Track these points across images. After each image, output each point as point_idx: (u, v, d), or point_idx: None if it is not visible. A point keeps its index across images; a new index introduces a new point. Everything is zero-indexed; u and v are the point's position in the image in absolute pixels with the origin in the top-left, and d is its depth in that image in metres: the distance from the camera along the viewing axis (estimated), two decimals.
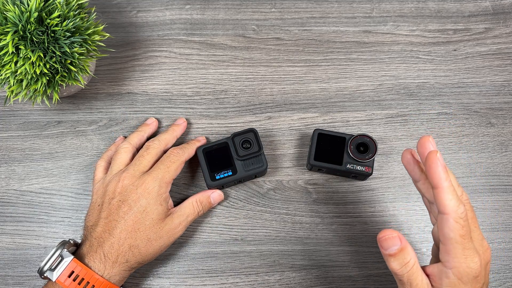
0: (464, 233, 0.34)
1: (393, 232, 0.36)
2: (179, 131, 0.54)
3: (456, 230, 0.34)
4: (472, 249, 0.35)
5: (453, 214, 0.34)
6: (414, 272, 0.36)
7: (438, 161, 0.35)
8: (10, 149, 0.55)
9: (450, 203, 0.34)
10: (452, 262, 0.35)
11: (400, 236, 0.36)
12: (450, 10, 0.61)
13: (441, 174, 0.35)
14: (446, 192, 0.34)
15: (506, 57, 0.59)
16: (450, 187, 0.35)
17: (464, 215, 0.34)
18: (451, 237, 0.34)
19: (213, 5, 0.61)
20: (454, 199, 0.34)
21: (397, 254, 0.36)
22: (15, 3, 0.44)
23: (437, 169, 0.35)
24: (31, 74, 0.44)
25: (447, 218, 0.34)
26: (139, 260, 0.45)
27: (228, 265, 0.51)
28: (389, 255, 0.36)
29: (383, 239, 0.36)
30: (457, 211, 0.34)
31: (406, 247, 0.36)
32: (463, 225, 0.34)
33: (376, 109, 0.57)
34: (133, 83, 0.58)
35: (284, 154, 0.55)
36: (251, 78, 0.58)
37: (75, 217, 0.53)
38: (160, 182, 0.47)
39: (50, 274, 0.42)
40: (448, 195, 0.34)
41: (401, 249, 0.36)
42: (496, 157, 0.55)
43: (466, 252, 0.35)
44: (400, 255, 0.36)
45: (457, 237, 0.34)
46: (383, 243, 0.36)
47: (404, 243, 0.36)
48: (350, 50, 0.59)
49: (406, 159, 0.40)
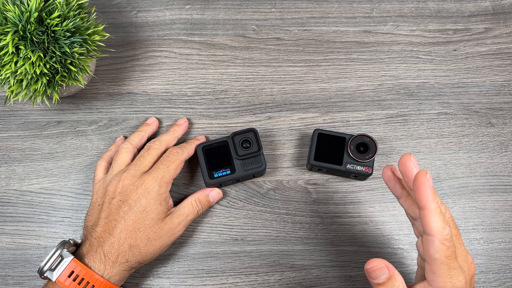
0: (449, 254, 0.35)
1: (380, 262, 0.36)
2: (180, 131, 0.54)
3: (441, 252, 0.35)
4: (457, 268, 0.35)
5: (439, 236, 0.34)
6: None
7: (427, 182, 0.35)
8: (10, 149, 0.55)
9: (436, 225, 0.34)
10: (437, 282, 0.35)
11: (388, 265, 0.36)
12: (450, 10, 0.61)
13: (429, 196, 0.35)
14: (433, 214, 0.35)
15: (506, 57, 0.59)
16: (437, 208, 0.35)
17: (449, 237, 0.35)
18: (437, 258, 0.35)
19: (213, 5, 0.61)
20: (440, 221, 0.35)
21: (385, 282, 0.36)
22: (15, 3, 0.44)
23: (425, 191, 0.35)
24: (31, 74, 0.44)
25: (432, 239, 0.35)
26: (139, 260, 0.45)
27: (228, 265, 0.51)
28: (377, 284, 0.37)
29: (372, 270, 0.37)
30: (442, 233, 0.34)
31: (393, 274, 0.36)
32: (448, 246, 0.35)
33: (376, 109, 0.57)
34: (133, 83, 0.58)
35: (284, 154, 0.55)
36: (251, 78, 0.58)
37: (75, 217, 0.53)
38: (160, 181, 0.47)
39: (50, 274, 0.42)
40: (434, 217, 0.35)
41: (389, 277, 0.36)
42: (496, 157, 0.55)
43: (451, 272, 0.35)
44: (388, 283, 0.36)
45: (442, 258, 0.35)
46: (372, 274, 0.37)
47: (391, 271, 0.36)
48: (350, 50, 0.59)
49: (387, 176, 0.41)
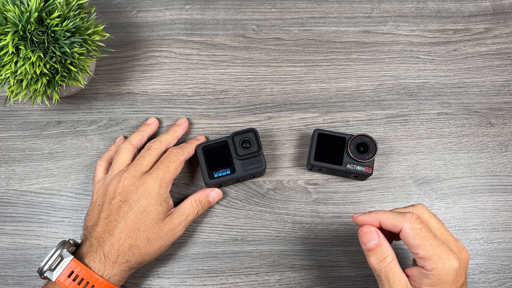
0: (425, 234, 0.37)
1: (371, 226, 0.39)
2: (180, 131, 0.54)
3: (416, 235, 0.37)
4: (443, 248, 0.37)
5: (405, 224, 0.37)
6: (392, 269, 0.38)
7: (358, 216, 0.41)
8: (10, 149, 0.55)
9: (395, 220, 0.38)
10: (430, 265, 0.37)
11: (378, 232, 0.39)
12: (450, 10, 0.61)
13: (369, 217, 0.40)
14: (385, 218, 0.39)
15: (506, 57, 0.59)
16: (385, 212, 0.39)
17: (414, 219, 0.38)
18: (417, 243, 0.37)
19: (213, 5, 0.61)
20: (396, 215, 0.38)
21: (375, 249, 0.38)
22: (15, 3, 0.44)
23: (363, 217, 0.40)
24: (31, 74, 0.44)
25: (403, 231, 0.38)
26: (139, 260, 0.45)
27: (228, 265, 0.51)
28: (367, 250, 0.39)
29: (362, 233, 0.39)
30: (406, 220, 0.38)
31: (383, 243, 0.38)
32: (420, 228, 0.37)
33: (376, 109, 0.57)
34: (133, 83, 0.58)
35: (284, 154, 0.55)
36: (251, 78, 0.58)
37: (75, 217, 0.53)
38: (160, 182, 0.47)
39: (50, 274, 0.42)
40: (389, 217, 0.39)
41: (379, 244, 0.38)
42: (496, 157, 0.55)
43: (438, 251, 0.37)
44: (377, 250, 0.38)
45: (421, 241, 0.37)
46: (362, 237, 0.39)
47: (381, 239, 0.39)
48: (350, 50, 0.59)
49: None
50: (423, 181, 0.54)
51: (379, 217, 0.39)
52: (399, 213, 0.39)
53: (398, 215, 0.38)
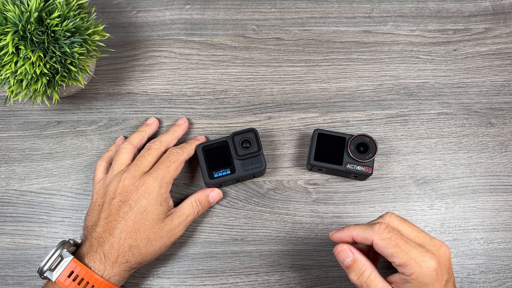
0: (396, 242, 0.38)
1: (343, 245, 0.40)
2: (180, 131, 0.54)
3: (388, 245, 0.38)
4: (416, 251, 0.38)
5: (375, 235, 0.39)
6: (372, 281, 0.39)
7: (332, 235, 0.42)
8: (10, 149, 0.55)
9: (365, 233, 0.39)
10: (408, 271, 0.37)
11: (351, 248, 0.40)
12: (450, 10, 0.61)
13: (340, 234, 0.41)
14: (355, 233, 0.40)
15: (506, 57, 0.59)
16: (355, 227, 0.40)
17: (383, 229, 0.39)
18: (390, 252, 0.38)
19: (213, 5, 0.61)
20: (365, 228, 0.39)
21: (352, 265, 0.39)
22: (15, 3, 0.44)
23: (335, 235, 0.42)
24: (31, 74, 0.44)
25: (374, 243, 0.38)
26: (139, 260, 0.45)
27: (228, 265, 0.51)
28: (346, 268, 0.40)
29: (337, 252, 0.40)
30: (375, 231, 0.38)
31: (358, 258, 0.39)
32: (389, 237, 0.38)
33: (376, 109, 0.57)
34: (133, 83, 0.58)
35: (284, 154, 0.55)
36: (251, 78, 0.58)
37: (75, 217, 0.53)
38: (160, 182, 0.47)
39: (50, 274, 0.42)
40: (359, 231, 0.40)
41: (354, 260, 0.39)
42: (496, 157, 0.55)
43: (412, 256, 0.37)
44: (354, 266, 0.39)
45: (394, 249, 0.37)
46: (338, 256, 0.40)
47: (356, 254, 0.40)
48: (350, 50, 0.59)
49: None
50: (423, 181, 0.54)
51: (350, 233, 0.40)
52: (368, 226, 0.39)
53: (367, 228, 0.39)
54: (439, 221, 0.52)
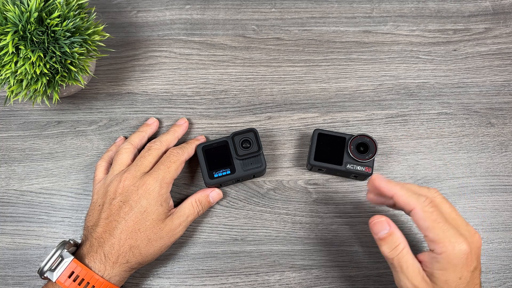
0: (436, 218, 0.37)
1: (381, 216, 0.40)
2: (181, 131, 0.54)
3: (427, 218, 0.37)
4: (453, 231, 0.37)
5: (418, 206, 0.38)
6: (404, 256, 0.38)
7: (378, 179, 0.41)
8: (10, 149, 0.55)
9: (408, 199, 0.38)
10: (439, 249, 0.37)
11: (389, 221, 0.39)
12: (450, 10, 0.61)
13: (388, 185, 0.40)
14: (400, 194, 0.39)
15: (506, 57, 0.59)
16: (401, 188, 0.39)
17: (427, 203, 0.38)
18: (427, 226, 0.37)
19: (213, 5, 0.61)
20: (411, 195, 0.39)
21: (386, 238, 0.39)
22: (15, 3, 0.44)
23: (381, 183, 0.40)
24: (31, 74, 0.44)
25: (415, 212, 0.38)
26: (139, 261, 0.45)
27: (228, 265, 0.51)
28: (379, 239, 0.39)
29: (373, 224, 0.40)
30: (419, 202, 0.38)
31: (394, 232, 0.39)
32: (431, 211, 0.38)
33: (376, 109, 0.57)
34: (133, 83, 0.58)
35: (284, 154, 0.55)
36: (251, 78, 0.58)
37: (75, 217, 0.53)
38: (161, 182, 0.47)
39: (50, 274, 0.42)
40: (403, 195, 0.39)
41: (390, 233, 0.39)
42: (496, 157, 0.55)
43: (447, 234, 0.37)
44: (389, 239, 0.39)
45: (432, 224, 0.37)
46: (373, 227, 0.40)
47: (392, 228, 0.39)
48: (350, 50, 0.59)
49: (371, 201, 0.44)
50: (423, 181, 0.54)
51: (394, 191, 0.40)
52: (413, 193, 0.39)
53: (412, 195, 0.39)
54: None
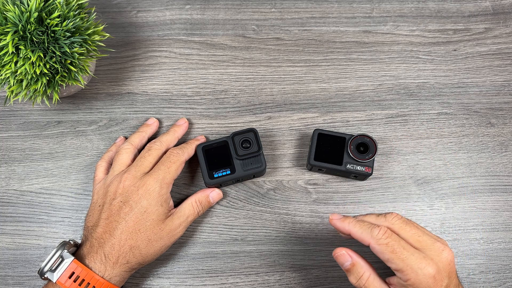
0: (392, 248, 0.38)
1: (342, 249, 0.41)
2: (181, 132, 0.54)
3: (384, 250, 0.38)
4: (414, 258, 0.37)
5: (372, 240, 0.39)
6: (371, 283, 0.39)
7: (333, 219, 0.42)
8: (10, 149, 0.55)
9: (362, 236, 0.40)
10: (404, 277, 0.38)
11: (349, 252, 0.40)
12: (450, 10, 0.61)
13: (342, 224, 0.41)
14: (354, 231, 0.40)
15: (506, 57, 0.59)
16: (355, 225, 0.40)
17: (382, 234, 0.38)
18: (386, 258, 0.38)
19: (213, 5, 0.61)
20: (364, 230, 0.39)
21: (351, 269, 0.40)
22: (15, 3, 0.44)
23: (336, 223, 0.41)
24: (31, 74, 0.44)
25: (371, 247, 0.39)
26: (139, 261, 0.45)
27: (228, 265, 0.51)
28: (345, 270, 0.41)
29: (336, 256, 0.41)
30: (373, 236, 0.38)
31: (357, 262, 0.40)
32: (387, 242, 0.38)
33: (376, 109, 0.57)
34: (133, 83, 0.58)
35: (284, 154, 0.55)
36: (251, 78, 0.58)
37: (75, 217, 0.53)
38: (161, 183, 0.47)
39: (51, 275, 0.42)
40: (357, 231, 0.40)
41: (353, 264, 0.40)
42: (496, 157, 0.55)
43: (408, 262, 0.37)
44: (353, 269, 0.40)
45: (390, 255, 0.38)
46: (337, 260, 0.41)
47: (354, 258, 0.40)
48: (350, 50, 0.59)
49: None
50: (423, 181, 0.54)
51: (349, 228, 0.41)
52: (368, 227, 0.39)
53: (366, 230, 0.39)
54: (439, 221, 0.53)
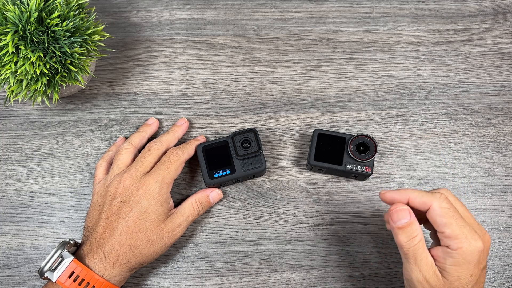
0: (453, 213, 0.37)
1: (403, 205, 0.39)
2: (181, 131, 0.54)
3: (445, 214, 0.37)
4: (469, 228, 0.37)
5: (435, 202, 0.38)
6: (420, 248, 0.38)
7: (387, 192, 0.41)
8: (10, 149, 0.55)
9: (424, 198, 0.39)
10: (455, 244, 0.37)
11: (410, 211, 0.39)
12: (450, 10, 0.61)
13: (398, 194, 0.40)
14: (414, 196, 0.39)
15: (506, 57, 0.59)
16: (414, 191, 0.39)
17: (443, 199, 0.38)
18: (445, 222, 0.37)
19: (213, 5, 0.61)
20: (425, 194, 0.39)
21: (405, 227, 0.38)
22: (15, 3, 0.44)
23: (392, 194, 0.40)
24: (31, 74, 0.44)
25: (432, 208, 0.38)
26: (139, 261, 0.45)
27: (228, 265, 0.51)
28: (397, 228, 0.39)
29: (394, 211, 0.39)
30: (435, 198, 0.38)
31: (414, 222, 0.38)
32: (448, 207, 0.38)
33: (376, 109, 0.57)
34: (133, 83, 0.58)
35: (284, 154, 0.55)
36: (251, 78, 0.58)
37: (75, 217, 0.53)
38: (161, 182, 0.47)
39: (51, 274, 0.42)
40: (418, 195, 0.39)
41: (410, 223, 0.38)
42: (496, 157, 0.55)
43: (464, 231, 0.37)
44: (408, 228, 0.38)
45: (449, 220, 0.37)
46: (393, 215, 0.39)
47: (413, 217, 0.38)
48: (350, 50, 0.59)
49: None
50: (423, 181, 0.54)
51: (408, 195, 0.39)
52: (427, 192, 0.39)
53: (427, 194, 0.39)
54: None
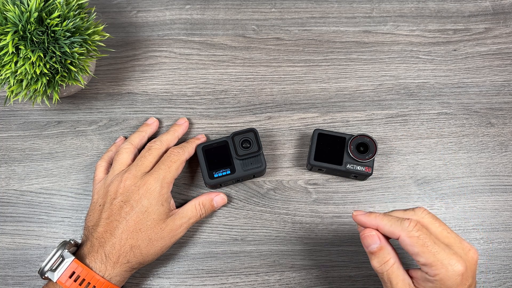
0: (424, 241, 0.37)
1: (372, 230, 0.39)
2: (181, 131, 0.54)
3: (415, 243, 0.37)
4: (444, 253, 0.36)
5: (402, 232, 0.37)
6: (394, 271, 0.38)
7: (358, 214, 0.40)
8: (10, 149, 0.55)
9: (392, 228, 0.38)
10: (432, 271, 0.36)
11: (379, 235, 0.39)
12: (450, 10, 0.61)
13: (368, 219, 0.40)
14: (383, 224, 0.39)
15: (506, 57, 0.59)
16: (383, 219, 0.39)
17: (413, 227, 0.37)
18: (416, 251, 0.37)
19: (213, 5, 0.61)
20: (394, 222, 0.38)
21: (377, 252, 0.39)
22: (15, 3, 0.44)
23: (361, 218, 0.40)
24: (31, 74, 0.44)
25: (401, 239, 0.37)
26: (140, 261, 0.45)
27: (228, 265, 0.51)
28: (370, 253, 0.39)
29: (364, 236, 0.39)
30: (403, 228, 0.37)
31: (385, 246, 0.39)
32: (418, 235, 0.37)
33: (376, 109, 0.57)
34: (133, 83, 0.58)
35: (284, 154, 0.55)
36: (251, 78, 0.58)
37: (75, 217, 0.53)
38: (161, 182, 0.47)
39: (51, 274, 0.42)
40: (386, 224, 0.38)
41: (380, 247, 0.38)
42: (496, 157, 0.55)
43: (439, 257, 0.36)
44: (380, 253, 0.38)
45: (420, 248, 0.36)
46: (364, 240, 0.39)
47: (383, 242, 0.39)
48: (350, 50, 0.59)
49: None
50: (423, 181, 0.54)
51: (377, 223, 0.39)
52: (397, 220, 0.38)
53: (396, 222, 0.38)
54: None
